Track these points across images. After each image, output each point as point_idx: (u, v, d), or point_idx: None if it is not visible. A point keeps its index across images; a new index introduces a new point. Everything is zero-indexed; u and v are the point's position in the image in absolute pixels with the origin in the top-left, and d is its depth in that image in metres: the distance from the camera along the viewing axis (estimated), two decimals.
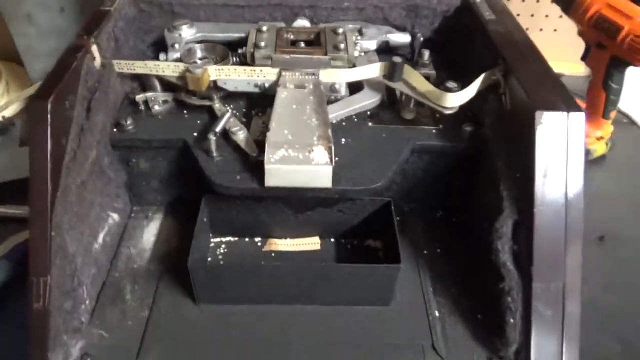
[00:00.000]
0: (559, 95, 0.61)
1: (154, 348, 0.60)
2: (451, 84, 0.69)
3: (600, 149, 1.07)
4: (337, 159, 0.67)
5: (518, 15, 1.25)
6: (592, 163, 1.08)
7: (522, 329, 0.60)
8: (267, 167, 0.62)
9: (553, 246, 0.59)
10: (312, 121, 0.67)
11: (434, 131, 0.73)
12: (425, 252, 0.72)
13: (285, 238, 0.74)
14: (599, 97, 1.00)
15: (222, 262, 0.71)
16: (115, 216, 0.70)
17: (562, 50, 1.13)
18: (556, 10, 1.01)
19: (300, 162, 0.62)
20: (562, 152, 0.58)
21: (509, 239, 0.61)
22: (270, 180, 0.62)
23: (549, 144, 0.58)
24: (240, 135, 0.68)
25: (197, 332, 0.62)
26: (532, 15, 1.27)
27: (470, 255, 0.69)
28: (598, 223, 0.89)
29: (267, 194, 0.63)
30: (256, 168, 0.64)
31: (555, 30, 1.29)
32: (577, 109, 0.60)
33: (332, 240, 0.75)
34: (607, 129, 1.06)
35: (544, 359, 0.59)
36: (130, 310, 0.65)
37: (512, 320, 0.60)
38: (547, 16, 1.27)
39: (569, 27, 1.01)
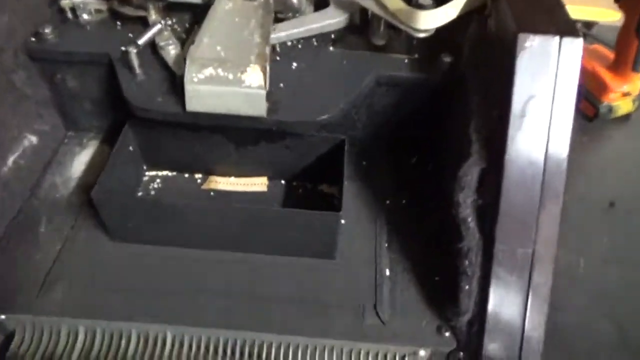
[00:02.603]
0: (553, 19, 0.48)
1: (55, 287, 0.54)
2: (425, 0, 0.57)
3: (625, 106, 0.91)
4: (281, 85, 0.57)
5: None
6: (614, 121, 0.93)
7: (477, 298, 0.50)
8: (187, 87, 0.52)
9: (524, 204, 0.48)
10: (254, 38, 0.56)
11: (405, 61, 0.61)
12: (388, 202, 0.63)
13: (229, 176, 0.65)
14: (629, 45, 0.84)
15: (146, 197, 0.63)
16: (34, 138, 0.62)
17: None
18: None
19: (228, 84, 0.52)
20: (547, 88, 0.46)
21: (472, 190, 0.50)
22: (192, 104, 0.52)
23: (531, 75, 0.46)
24: (171, 51, 0.58)
25: (105, 271, 0.55)
26: None
27: (439, 209, 0.58)
28: (610, 188, 0.77)
29: (190, 119, 0.54)
30: (182, 89, 0.54)
31: None
32: (574, 33, 0.47)
33: (282, 182, 0.65)
34: (636, 84, 0.90)
35: (500, 336, 0.49)
36: (43, 242, 0.58)
37: (467, 287, 0.51)
38: None
39: None
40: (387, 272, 0.57)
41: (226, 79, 0.52)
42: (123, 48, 0.56)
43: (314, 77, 0.58)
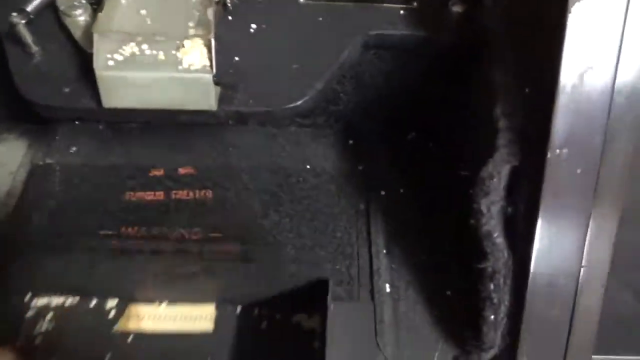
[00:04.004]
0: None
1: None
2: None
3: None
4: (236, 58, 0.41)
5: None
6: None
7: (506, 331, 0.39)
8: (98, 73, 0.37)
9: (570, 214, 0.36)
10: None
11: (401, 12, 0.46)
12: (383, 192, 0.51)
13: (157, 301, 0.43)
14: None
15: None
16: None
17: None
18: None
19: (158, 67, 0.37)
20: (609, 55, 0.32)
21: (499, 196, 0.38)
22: (110, 98, 0.37)
23: (587, 37, 0.32)
24: (78, 18, 0.41)
25: None
26: None
27: (449, 202, 0.48)
28: None
29: (111, 118, 0.39)
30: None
31: None
32: None
33: (237, 310, 0.44)
34: None
35: None
36: None
37: (491, 316, 0.40)
38: None
39: None
40: (388, 288, 0.46)
41: (155, 61, 0.37)
42: (13, 20, 0.40)
43: (280, 43, 0.43)
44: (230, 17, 0.45)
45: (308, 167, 0.53)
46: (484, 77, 0.43)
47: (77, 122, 0.53)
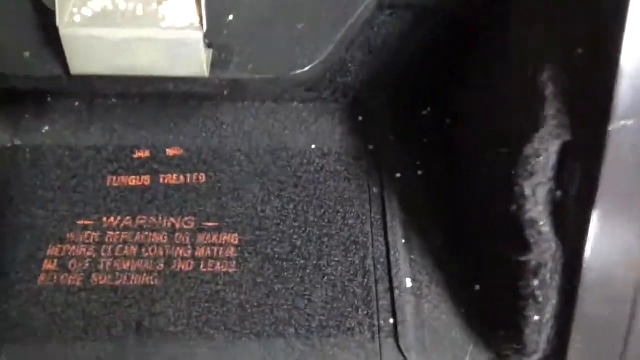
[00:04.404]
0: None
1: None
2: None
3: None
4: (230, 17, 0.35)
5: None
6: None
7: (553, 335, 0.34)
8: (62, 32, 0.30)
9: (634, 198, 0.30)
10: None
11: None
12: (399, 175, 0.46)
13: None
14: None
15: None
16: None
17: None
18: None
19: (135, 24, 0.30)
20: None
21: (547, 177, 0.32)
22: (77, 62, 0.31)
23: None
24: None
25: None
26: None
27: (474, 184, 0.42)
28: None
29: (80, 88, 0.32)
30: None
31: None
32: None
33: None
34: None
35: None
36: None
37: (535, 317, 0.34)
38: None
39: None
40: (409, 283, 0.40)
41: (132, 17, 0.30)
42: None
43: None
44: None
45: (313, 147, 0.48)
46: (518, 39, 0.37)
47: (49, 99, 0.47)
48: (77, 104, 0.47)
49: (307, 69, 0.34)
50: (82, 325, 0.37)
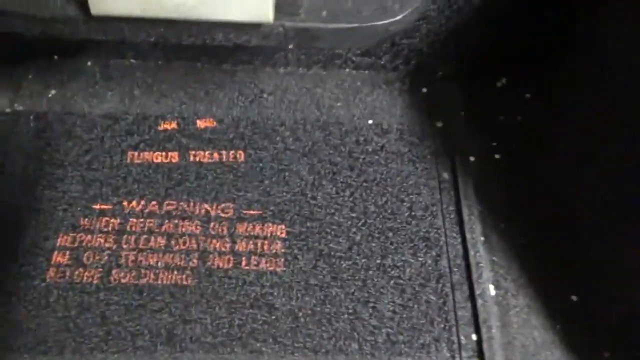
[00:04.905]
0: None
1: None
2: None
3: None
4: None
5: None
6: None
7: None
8: None
9: None
10: None
11: None
12: (472, 158, 0.39)
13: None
14: None
15: None
16: None
17: None
18: None
19: None
20: None
21: None
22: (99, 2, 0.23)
23: None
24: None
25: None
26: None
27: (567, 169, 0.36)
28: None
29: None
30: None
31: None
32: None
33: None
34: None
35: None
36: None
37: None
38: None
39: None
40: (492, 290, 0.33)
41: None
42: None
43: None
44: None
45: (370, 122, 0.40)
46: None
47: (55, 57, 0.39)
48: (89, 63, 0.40)
49: (398, 17, 0.26)
50: (101, 334, 0.30)
